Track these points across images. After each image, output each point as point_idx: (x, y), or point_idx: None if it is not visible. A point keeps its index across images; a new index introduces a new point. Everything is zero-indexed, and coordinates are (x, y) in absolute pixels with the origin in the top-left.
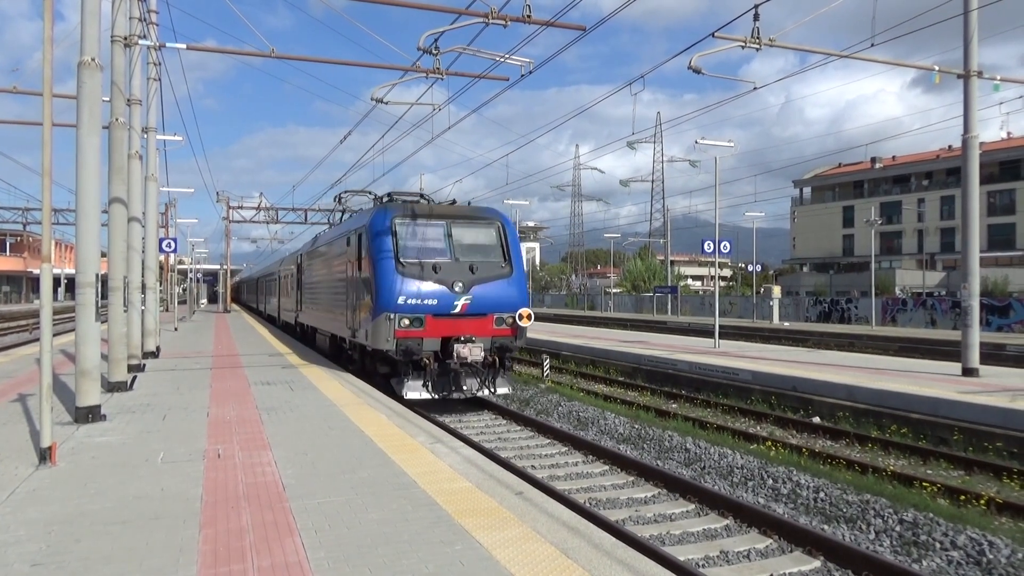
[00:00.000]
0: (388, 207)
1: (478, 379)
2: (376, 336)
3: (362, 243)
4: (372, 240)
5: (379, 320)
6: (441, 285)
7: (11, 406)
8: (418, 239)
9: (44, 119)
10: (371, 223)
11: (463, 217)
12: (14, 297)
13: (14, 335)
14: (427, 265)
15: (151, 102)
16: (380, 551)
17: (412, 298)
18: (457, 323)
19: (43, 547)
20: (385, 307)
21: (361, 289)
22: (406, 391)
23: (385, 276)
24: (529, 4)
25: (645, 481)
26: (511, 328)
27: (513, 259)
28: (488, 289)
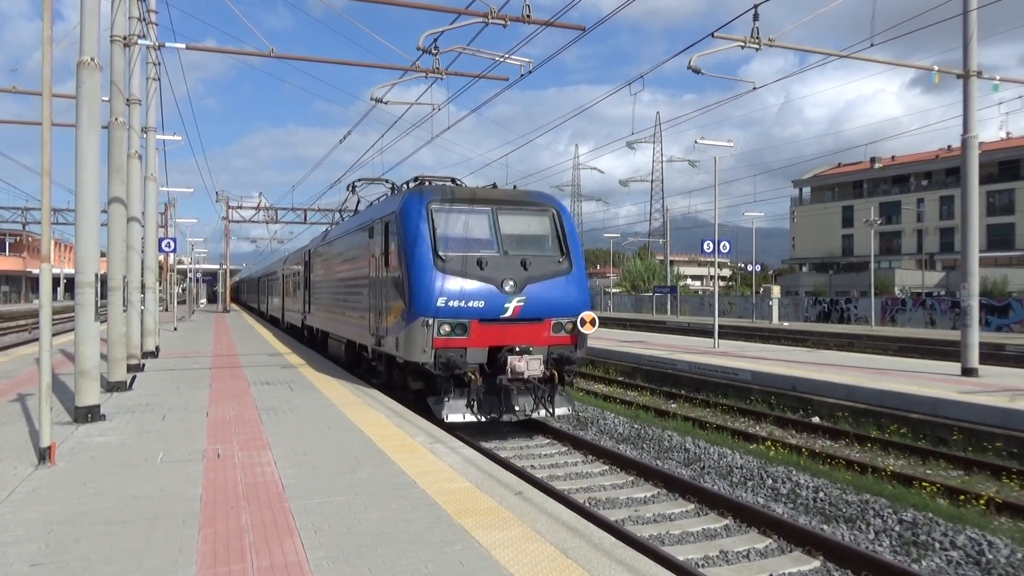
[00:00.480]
0: (422, 190)
1: (532, 397)
2: (409, 346)
3: (390, 234)
4: (404, 230)
5: (413, 327)
6: (488, 284)
7: (10, 406)
8: (459, 229)
9: (43, 119)
10: (403, 210)
11: (511, 203)
12: (13, 297)
13: (13, 335)
14: (471, 260)
15: (150, 102)
16: (380, 551)
17: (454, 300)
18: (508, 330)
19: (42, 547)
20: (421, 311)
21: (389, 289)
22: (446, 413)
23: (421, 273)
24: (528, 4)
25: (645, 481)
26: (571, 335)
27: (572, 253)
28: (544, 289)
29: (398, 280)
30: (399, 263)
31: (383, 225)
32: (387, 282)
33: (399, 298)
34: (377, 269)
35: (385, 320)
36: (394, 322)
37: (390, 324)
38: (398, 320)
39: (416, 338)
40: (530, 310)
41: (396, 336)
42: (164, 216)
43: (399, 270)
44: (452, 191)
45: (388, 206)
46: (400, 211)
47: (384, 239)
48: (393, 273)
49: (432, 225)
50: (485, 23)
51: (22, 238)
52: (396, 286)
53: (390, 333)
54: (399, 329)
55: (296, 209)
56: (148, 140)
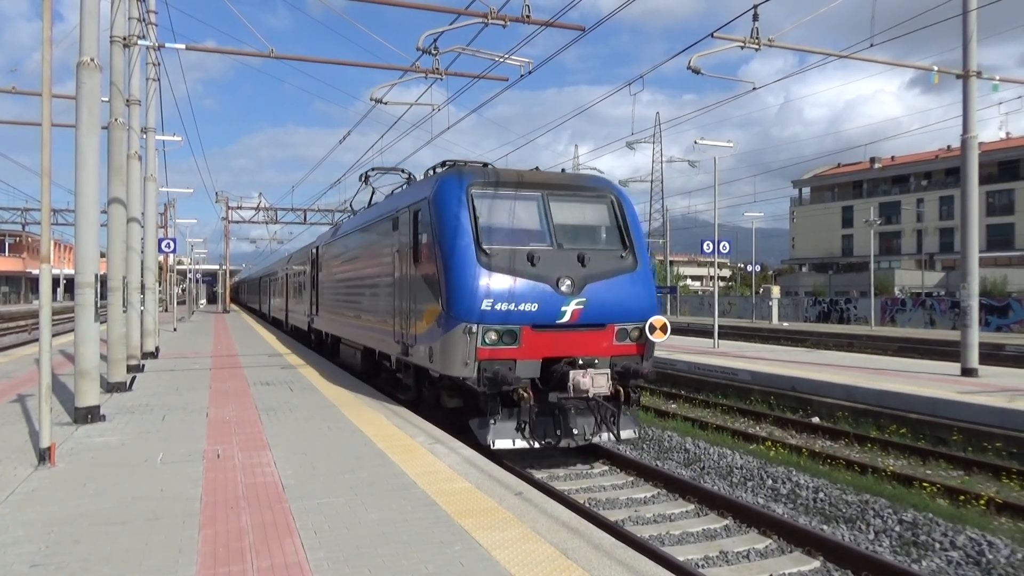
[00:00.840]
0: (461, 172)
1: (594, 418)
2: (447, 357)
3: (421, 224)
4: (439, 219)
5: (452, 335)
6: (542, 283)
7: (10, 407)
8: (505, 217)
9: (43, 119)
10: (438, 195)
11: (564, 187)
12: (13, 298)
13: (13, 335)
14: (520, 254)
15: (150, 102)
16: (380, 551)
17: (502, 302)
18: (565, 338)
19: (42, 548)
20: (462, 315)
21: (419, 289)
22: (492, 438)
23: (461, 270)
24: (528, 4)
25: (644, 481)
26: (637, 344)
27: (636, 246)
28: (607, 289)
29: (431, 278)
30: (433, 258)
31: (411, 215)
32: (417, 281)
33: (433, 300)
34: (404, 266)
35: (414, 326)
36: (427, 328)
37: (421, 331)
38: (432, 326)
39: (455, 348)
40: (591, 314)
41: (429, 345)
42: (164, 217)
43: (433, 267)
44: (496, 173)
45: (417, 192)
46: (434, 197)
47: (413, 231)
48: (425, 270)
49: (473, 213)
50: (485, 23)
51: (22, 239)
52: (429, 286)
53: (421, 341)
54: (433, 337)
55: (296, 209)
56: (148, 140)
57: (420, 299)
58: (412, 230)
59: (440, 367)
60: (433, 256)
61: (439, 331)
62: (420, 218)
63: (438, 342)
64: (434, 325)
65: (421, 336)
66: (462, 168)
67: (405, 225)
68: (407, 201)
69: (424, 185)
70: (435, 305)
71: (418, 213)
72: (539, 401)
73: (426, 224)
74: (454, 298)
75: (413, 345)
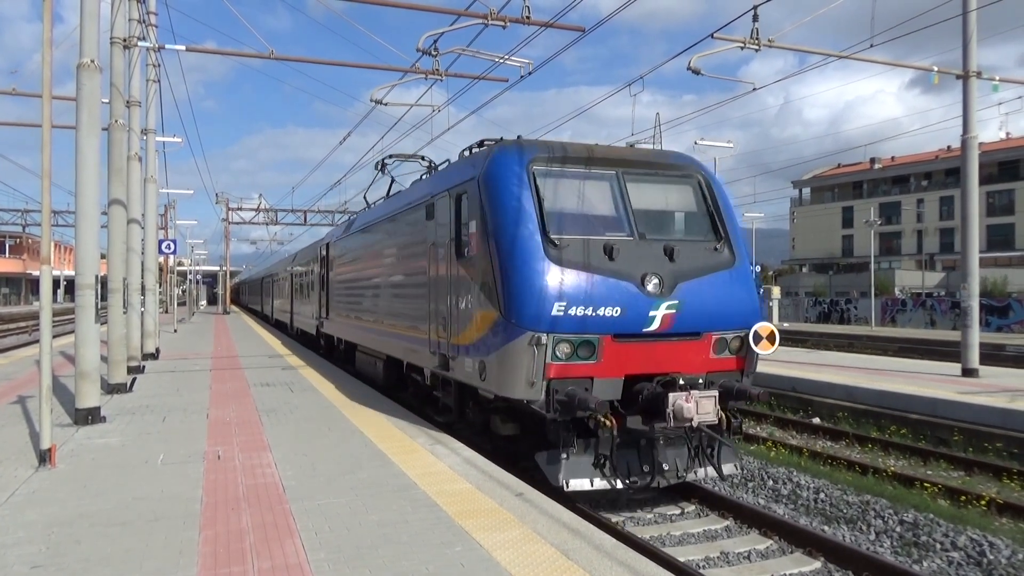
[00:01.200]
0: (521, 145)
1: (688, 449)
2: (506, 374)
3: (467, 210)
4: (494, 202)
5: (515, 346)
6: (625, 281)
7: (11, 408)
8: (574, 201)
9: (43, 121)
10: (491, 174)
11: (642, 165)
12: (13, 299)
13: (13, 337)
14: (595, 246)
15: (150, 104)
16: (380, 552)
17: (577, 305)
18: (654, 350)
19: (43, 549)
20: (529, 321)
21: (465, 289)
22: (565, 476)
23: (526, 265)
24: (528, 5)
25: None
26: (737, 358)
27: (732, 238)
28: (702, 289)
29: (483, 276)
30: (485, 252)
31: (453, 200)
32: (461, 280)
33: (485, 303)
34: (442, 262)
35: (457, 334)
36: (476, 338)
37: (467, 340)
38: (485, 335)
39: (518, 363)
40: (686, 321)
41: (480, 359)
42: (164, 218)
43: (485, 262)
44: (562, 147)
45: (460, 172)
46: (487, 176)
47: (455, 219)
48: (473, 267)
49: (538, 194)
50: (485, 24)
51: (22, 240)
52: (479, 285)
53: (467, 353)
54: (486, 348)
55: (296, 211)
56: (148, 142)
57: (466, 302)
58: (454, 218)
59: (496, 386)
60: (485, 249)
61: (495, 341)
62: (466, 203)
63: (493, 355)
64: (488, 334)
65: (468, 347)
66: (520, 141)
67: (444, 213)
68: (446, 184)
69: (469, 164)
70: (489, 309)
71: (462, 197)
72: (620, 429)
73: (474, 210)
74: (517, 301)
75: (455, 357)
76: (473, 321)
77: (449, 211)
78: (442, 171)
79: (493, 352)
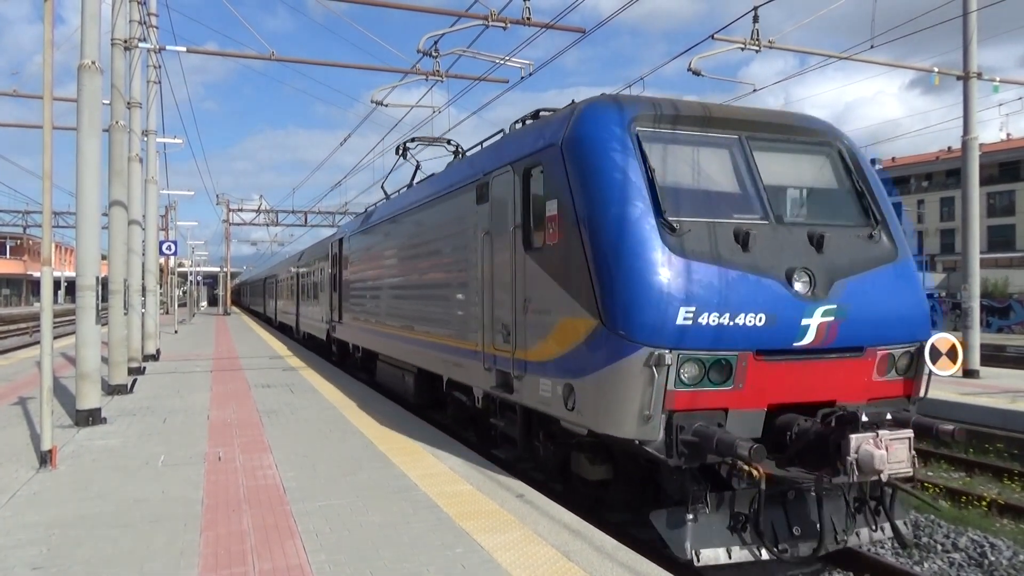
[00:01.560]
0: (620, 101)
1: (846, 503)
2: (609, 403)
3: (544, 187)
4: (588, 173)
5: (624, 365)
6: (767, 278)
7: (11, 409)
8: (689, 173)
9: (44, 122)
10: (580, 136)
11: (771, 128)
12: (14, 300)
13: (14, 338)
14: (723, 232)
15: (151, 105)
16: (381, 554)
17: (710, 310)
18: (808, 370)
19: (44, 550)
20: (644, 332)
21: (543, 288)
22: (693, 544)
23: (637, 255)
24: (529, 7)
25: None
26: (905, 380)
27: (890, 222)
28: (863, 290)
29: (571, 271)
30: (574, 238)
31: (520, 175)
32: (534, 276)
33: (574, 306)
34: (503, 254)
35: (527, 346)
36: (559, 352)
37: (545, 356)
38: (574, 349)
39: (628, 389)
40: (848, 331)
41: (565, 382)
42: (164, 219)
43: (573, 251)
44: (672, 104)
45: (530, 140)
46: (575, 140)
47: (522, 199)
48: (555, 258)
49: (646, 164)
50: (485, 26)
51: (23, 241)
52: (565, 282)
53: (544, 372)
54: (576, 367)
55: (296, 212)
56: (149, 143)
57: (540, 305)
58: (520, 199)
59: (592, 420)
60: (574, 235)
61: (591, 359)
62: (540, 178)
63: (589, 379)
64: (579, 349)
65: (545, 365)
66: (616, 96)
67: (505, 193)
68: (507, 156)
69: (542, 129)
70: (580, 315)
71: (533, 172)
72: (768, 481)
73: (555, 186)
74: (630, 304)
75: (521, 377)
76: (553, 330)
77: (512, 191)
78: (499, 143)
79: (588, 373)
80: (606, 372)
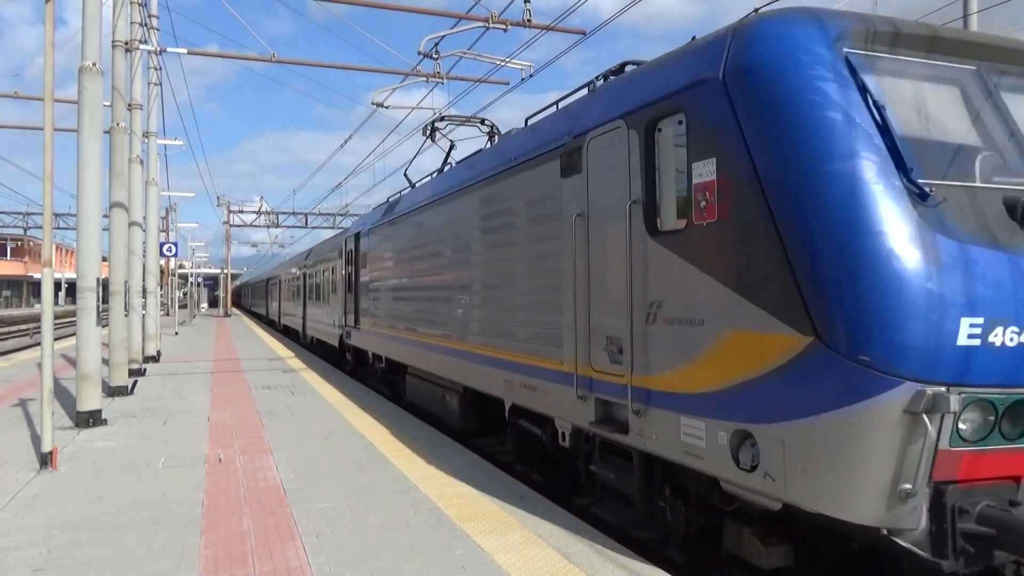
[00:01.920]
0: (815, 14)
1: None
2: (834, 469)
3: (694, 140)
4: (779, 113)
5: (869, 412)
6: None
7: (12, 411)
8: (926, 115)
9: (45, 124)
10: (755, 60)
11: (1015, 58)
12: (15, 301)
13: (15, 339)
14: (989, 200)
15: (152, 107)
16: (381, 555)
17: (1003, 322)
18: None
19: (44, 552)
20: (902, 356)
21: (684, 287)
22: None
23: (882, 235)
24: (529, 8)
25: None
26: None
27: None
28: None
29: (747, 257)
30: (752, 211)
31: (641, 132)
32: (669, 270)
33: (754, 312)
34: (608, 242)
35: (658, 369)
36: (722, 382)
37: (693, 386)
38: (753, 379)
39: (870, 451)
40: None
41: (733, 426)
42: (165, 220)
43: (754, 232)
44: (887, 21)
45: (659, 79)
46: (747, 69)
47: (643, 164)
48: (713, 243)
49: (870, 100)
50: (486, 27)
51: (24, 243)
52: (731, 276)
53: (686, 409)
54: (757, 406)
55: (297, 213)
56: (149, 145)
57: (687, 310)
58: (642, 163)
59: (799, 492)
60: (752, 207)
61: (798, 395)
62: (683, 132)
63: (793, 427)
64: (771, 378)
65: (691, 398)
66: (809, 8)
67: (612, 157)
68: (611, 110)
69: (675, 63)
70: (769, 327)
71: (661, 125)
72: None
73: (714, 139)
74: (877, 313)
75: (643, 411)
76: (710, 349)
77: (626, 153)
78: (592, 96)
79: (789, 418)
80: (832, 420)
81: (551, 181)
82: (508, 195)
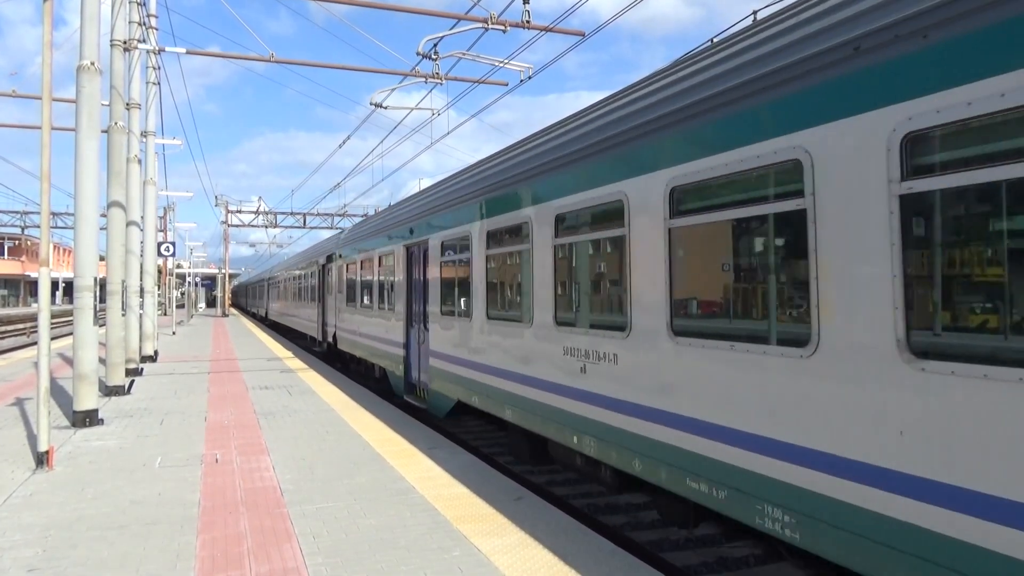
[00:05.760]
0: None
1: None
2: None
3: None
4: None
5: None
6: None
7: (8, 410)
8: None
9: (43, 123)
10: None
11: None
12: (12, 301)
13: (12, 339)
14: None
15: (150, 106)
16: (378, 557)
17: None
18: None
19: (39, 552)
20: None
21: None
22: None
23: None
24: (528, 10)
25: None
26: None
27: None
28: None
29: None
30: None
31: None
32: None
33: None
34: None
35: None
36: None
37: None
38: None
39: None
40: None
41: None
42: (163, 220)
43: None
44: None
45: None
46: None
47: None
48: None
49: None
50: (485, 29)
51: (21, 242)
52: None
53: None
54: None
55: (295, 214)
56: (148, 144)
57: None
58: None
59: None
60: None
61: None
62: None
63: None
64: None
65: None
66: None
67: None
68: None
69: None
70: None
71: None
72: None
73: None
74: None
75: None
76: None
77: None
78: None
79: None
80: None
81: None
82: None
